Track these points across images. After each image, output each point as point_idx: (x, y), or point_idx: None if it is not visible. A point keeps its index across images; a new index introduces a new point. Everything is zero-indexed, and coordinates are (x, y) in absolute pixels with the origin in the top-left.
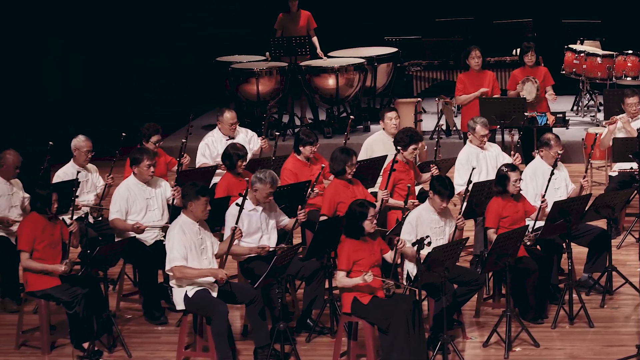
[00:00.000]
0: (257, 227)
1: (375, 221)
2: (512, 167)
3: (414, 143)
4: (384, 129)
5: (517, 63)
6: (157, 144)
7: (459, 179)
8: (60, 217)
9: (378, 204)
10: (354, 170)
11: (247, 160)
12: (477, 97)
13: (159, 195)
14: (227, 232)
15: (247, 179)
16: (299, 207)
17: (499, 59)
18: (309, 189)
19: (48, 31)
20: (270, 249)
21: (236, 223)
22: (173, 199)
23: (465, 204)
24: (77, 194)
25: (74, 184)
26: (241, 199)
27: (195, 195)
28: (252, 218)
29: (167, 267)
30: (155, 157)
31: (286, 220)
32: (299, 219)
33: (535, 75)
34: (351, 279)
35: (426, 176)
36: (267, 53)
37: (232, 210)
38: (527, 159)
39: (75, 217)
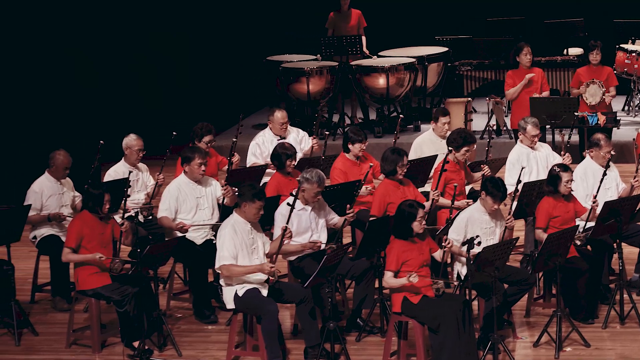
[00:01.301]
0: (306, 227)
1: (424, 222)
2: (565, 167)
3: (467, 145)
4: (433, 129)
5: (571, 62)
6: (209, 144)
7: (510, 179)
8: (112, 216)
9: (428, 204)
10: (405, 170)
11: (297, 160)
12: (525, 86)
13: (210, 194)
14: (276, 232)
15: (297, 178)
16: (347, 206)
17: (549, 58)
18: (358, 189)
19: (97, 27)
20: (321, 247)
21: (287, 223)
22: (223, 198)
23: (515, 203)
24: (128, 193)
25: (125, 183)
26: (292, 198)
27: (252, 198)
28: (301, 218)
29: (217, 266)
30: (206, 157)
31: (336, 219)
32: (347, 219)
33: (600, 74)
34: (397, 280)
35: (477, 175)
36: (318, 55)
37: (282, 210)
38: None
39: (125, 215)
